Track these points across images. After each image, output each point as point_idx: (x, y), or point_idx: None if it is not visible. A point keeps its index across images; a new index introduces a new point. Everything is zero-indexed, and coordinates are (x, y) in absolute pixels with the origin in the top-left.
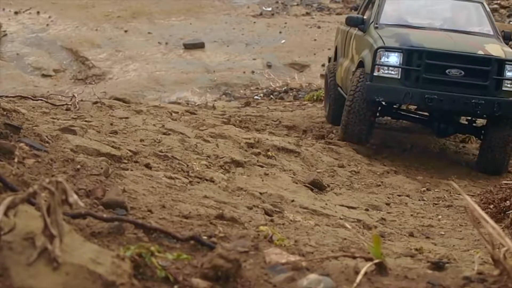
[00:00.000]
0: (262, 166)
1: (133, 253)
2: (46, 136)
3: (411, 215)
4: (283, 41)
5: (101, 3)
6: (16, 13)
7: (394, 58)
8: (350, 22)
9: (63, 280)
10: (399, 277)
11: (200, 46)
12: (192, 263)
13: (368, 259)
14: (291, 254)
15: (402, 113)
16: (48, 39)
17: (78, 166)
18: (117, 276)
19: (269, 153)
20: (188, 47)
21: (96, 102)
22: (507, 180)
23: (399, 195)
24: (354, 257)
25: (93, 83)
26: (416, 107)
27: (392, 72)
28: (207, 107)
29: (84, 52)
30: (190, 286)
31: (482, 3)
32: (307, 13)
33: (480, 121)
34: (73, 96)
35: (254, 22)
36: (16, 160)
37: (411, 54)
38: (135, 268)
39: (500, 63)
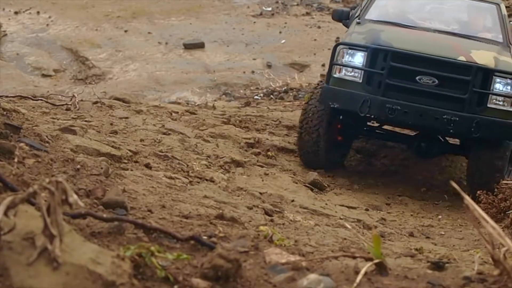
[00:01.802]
0: (262, 166)
1: (133, 253)
2: (46, 136)
3: (411, 215)
4: (283, 41)
5: (101, 3)
6: (16, 13)
7: (359, 58)
8: (334, 16)
9: (63, 280)
10: (399, 277)
11: (200, 46)
12: (192, 263)
13: (368, 259)
14: (291, 254)
15: (377, 131)
16: (48, 39)
17: (78, 166)
18: (117, 276)
19: (269, 153)
20: (188, 47)
21: (96, 102)
22: (508, 180)
23: (399, 195)
24: (354, 257)
25: (93, 83)
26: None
27: (355, 75)
28: (207, 107)
29: (84, 52)
30: (190, 286)
31: (498, 5)
32: (307, 13)
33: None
34: (73, 96)
35: (254, 22)
36: (16, 160)
37: (375, 54)
38: (135, 268)
39: (485, 74)
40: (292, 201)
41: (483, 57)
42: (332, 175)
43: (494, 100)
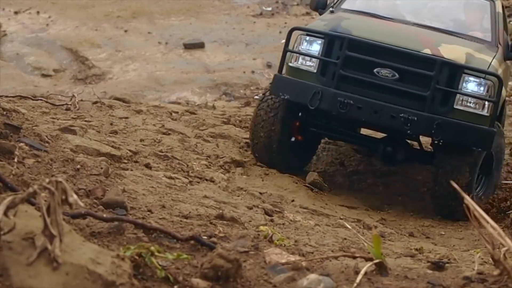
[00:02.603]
0: (262, 166)
1: (133, 253)
2: (46, 136)
3: (411, 215)
4: (283, 41)
5: (101, 3)
6: (16, 13)
7: (316, 46)
8: (311, 5)
9: (63, 280)
10: (399, 277)
11: (200, 46)
12: (192, 263)
13: (368, 259)
14: (291, 254)
15: (342, 131)
16: (48, 39)
17: (78, 166)
18: (117, 276)
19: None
20: (188, 47)
21: (96, 102)
22: (508, 180)
23: (399, 195)
24: (354, 257)
25: (93, 83)
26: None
27: (311, 64)
28: (207, 107)
29: (84, 52)
30: (190, 286)
31: (493, 2)
32: (307, 13)
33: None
34: (73, 96)
35: (254, 22)
36: (16, 160)
37: (332, 42)
38: (135, 268)
39: (453, 70)
40: (292, 201)
41: (453, 51)
42: (332, 175)
43: (463, 101)
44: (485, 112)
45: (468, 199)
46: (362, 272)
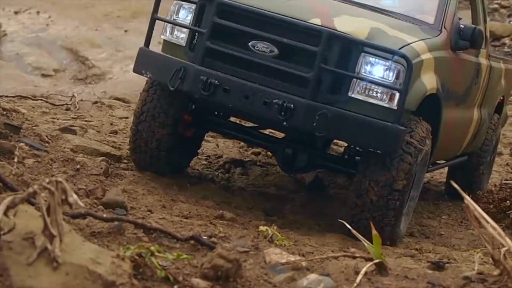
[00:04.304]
0: (262, 166)
1: (133, 253)
2: (46, 136)
3: (411, 215)
4: None
5: (101, 3)
6: (16, 13)
7: (187, 14)
8: None
9: (63, 280)
10: (399, 277)
11: None
12: (192, 263)
13: (368, 259)
14: (291, 254)
15: (236, 127)
16: (48, 39)
17: (78, 166)
18: (117, 276)
19: (269, 153)
20: None
21: (96, 102)
22: (508, 180)
23: None
24: (354, 257)
25: (93, 83)
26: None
27: (182, 36)
28: None
29: (84, 52)
30: (190, 286)
31: None
32: None
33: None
34: (73, 96)
35: None
36: (16, 160)
37: (203, 8)
38: (135, 268)
39: (347, 47)
40: (292, 201)
41: (353, 24)
42: (332, 175)
43: (364, 89)
44: (393, 105)
45: (468, 199)
46: (362, 272)
